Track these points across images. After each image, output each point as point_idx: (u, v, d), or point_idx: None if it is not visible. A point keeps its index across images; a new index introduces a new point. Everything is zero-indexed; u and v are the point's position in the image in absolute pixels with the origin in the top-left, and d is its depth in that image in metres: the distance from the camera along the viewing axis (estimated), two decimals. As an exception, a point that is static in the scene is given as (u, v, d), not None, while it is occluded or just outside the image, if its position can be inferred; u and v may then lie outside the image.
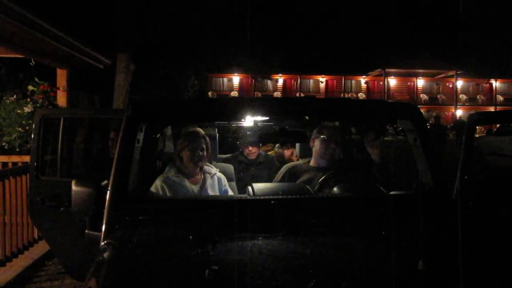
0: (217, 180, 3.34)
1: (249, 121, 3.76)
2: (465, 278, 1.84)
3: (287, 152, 4.91)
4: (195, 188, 3.20)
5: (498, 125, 18.78)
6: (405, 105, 2.99)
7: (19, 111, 6.60)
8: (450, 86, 36.24)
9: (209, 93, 32.93)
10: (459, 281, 1.84)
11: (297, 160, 4.54)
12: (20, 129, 6.56)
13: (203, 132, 3.36)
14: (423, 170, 2.54)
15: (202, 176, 3.28)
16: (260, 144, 4.66)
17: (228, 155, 4.73)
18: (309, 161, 3.37)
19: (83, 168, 4.85)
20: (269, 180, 4.15)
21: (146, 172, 3.15)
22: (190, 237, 2.08)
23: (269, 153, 4.98)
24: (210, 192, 3.23)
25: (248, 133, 4.50)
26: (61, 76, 8.08)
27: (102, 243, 2.16)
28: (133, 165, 2.47)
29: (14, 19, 5.26)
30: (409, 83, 36.88)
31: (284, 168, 3.41)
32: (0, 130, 6.70)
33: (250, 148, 4.55)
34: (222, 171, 3.52)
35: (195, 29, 20.59)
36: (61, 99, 7.83)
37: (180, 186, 3.13)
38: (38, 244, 5.70)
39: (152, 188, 3.06)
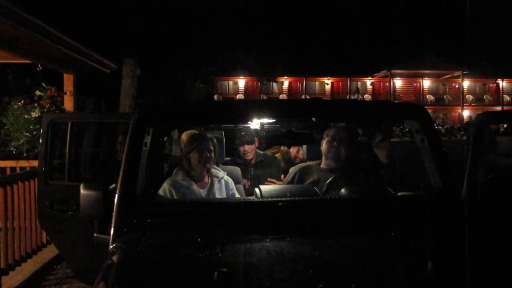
0: (224, 183, 3.34)
1: (255, 123, 3.76)
2: (474, 280, 1.83)
3: (293, 150, 4.87)
4: (203, 192, 3.21)
5: (505, 125, 18.64)
6: (411, 105, 2.98)
7: (26, 116, 6.66)
8: (457, 86, 36.06)
9: (215, 96, 32.97)
10: (468, 282, 1.83)
11: (303, 158, 4.53)
12: (27, 134, 6.61)
13: (210, 135, 3.38)
14: (431, 171, 2.53)
15: (210, 179, 3.28)
16: (256, 142, 4.56)
17: (225, 159, 4.67)
18: (320, 163, 3.38)
19: (91, 172, 4.87)
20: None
21: (154, 175, 3.16)
22: (199, 239, 2.09)
23: (276, 155, 4.94)
24: (218, 196, 3.23)
25: (242, 133, 4.44)
26: (68, 81, 8.14)
27: (111, 247, 2.17)
28: (140, 168, 2.48)
29: (21, 24, 5.30)
30: (415, 84, 36.72)
31: (295, 168, 3.42)
32: (8, 135, 6.75)
33: (246, 147, 4.41)
34: (229, 174, 3.52)
35: (200, 33, 20.64)
36: (68, 104, 7.88)
37: (188, 190, 3.14)
38: (47, 248, 5.72)
39: (160, 192, 3.07)
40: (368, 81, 36.65)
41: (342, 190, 2.70)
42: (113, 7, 13.92)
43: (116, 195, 2.31)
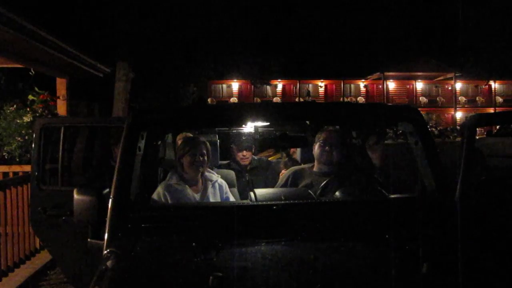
0: (218, 187, 3.34)
1: (249, 126, 3.76)
2: (467, 281, 1.83)
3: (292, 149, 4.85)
4: (197, 196, 3.20)
5: (498, 127, 18.77)
6: (405, 107, 2.99)
7: (19, 121, 6.61)
8: (449, 88, 36.24)
9: (209, 100, 32.96)
10: (462, 283, 1.83)
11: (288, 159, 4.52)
12: (20, 138, 6.56)
13: (203, 138, 3.37)
14: (425, 173, 2.53)
15: (204, 183, 3.27)
16: (253, 148, 4.55)
17: (220, 163, 4.64)
18: (312, 166, 3.38)
19: (84, 176, 4.84)
20: (266, 184, 4.14)
21: (148, 179, 3.15)
22: (193, 244, 2.08)
23: (270, 158, 4.94)
24: (212, 199, 3.23)
25: (242, 138, 4.44)
26: (61, 85, 8.11)
27: (105, 252, 2.16)
28: (134, 173, 2.47)
29: (14, 29, 5.27)
30: (408, 86, 36.89)
31: (288, 172, 3.42)
32: (0, 140, 6.71)
33: (245, 152, 4.40)
34: (224, 178, 3.51)
35: (193, 36, 20.64)
36: (61, 108, 7.85)
37: (182, 194, 3.13)
38: (40, 254, 5.69)
39: (154, 196, 3.06)
40: (362, 84, 36.79)
41: (337, 193, 2.70)
42: (106, 11, 13.89)
43: (110, 200, 2.30)
